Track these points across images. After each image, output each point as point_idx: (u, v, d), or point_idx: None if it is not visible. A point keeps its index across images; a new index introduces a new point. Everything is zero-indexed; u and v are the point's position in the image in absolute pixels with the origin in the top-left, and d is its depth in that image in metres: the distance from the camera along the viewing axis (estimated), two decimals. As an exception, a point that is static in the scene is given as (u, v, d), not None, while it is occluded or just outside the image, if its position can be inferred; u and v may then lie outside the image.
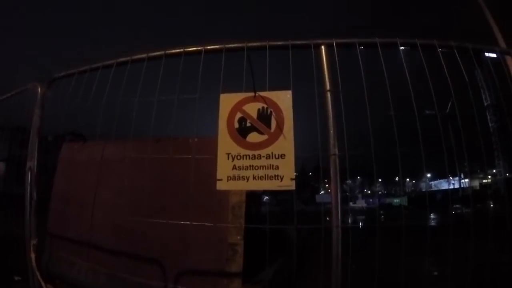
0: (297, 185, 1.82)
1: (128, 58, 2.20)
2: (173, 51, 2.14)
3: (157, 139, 3.53)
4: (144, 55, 2.19)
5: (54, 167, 4.56)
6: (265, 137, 1.84)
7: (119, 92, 2.29)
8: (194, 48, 2.11)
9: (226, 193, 3.36)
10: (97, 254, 3.81)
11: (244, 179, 1.81)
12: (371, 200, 48.74)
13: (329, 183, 1.85)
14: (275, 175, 1.78)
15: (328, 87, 1.89)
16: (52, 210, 4.17)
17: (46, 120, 2.59)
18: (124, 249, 3.61)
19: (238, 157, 1.84)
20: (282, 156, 1.80)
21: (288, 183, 1.78)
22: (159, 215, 3.53)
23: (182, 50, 2.12)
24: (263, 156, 1.81)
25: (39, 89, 2.45)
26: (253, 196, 3.88)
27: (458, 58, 2.10)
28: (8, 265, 3.27)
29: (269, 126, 1.86)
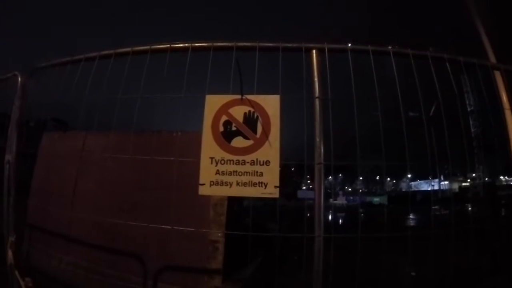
0: (280, 181, 1.78)
1: (112, 51, 2.10)
2: (159, 46, 2.05)
3: (139, 131, 3.43)
4: (128, 49, 2.08)
5: (35, 154, 4.40)
6: (250, 142, 1.80)
7: (103, 84, 2.20)
8: (181, 45, 2.02)
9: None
10: (77, 248, 3.75)
11: (227, 184, 1.77)
12: (351, 197, 49.07)
13: (311, 179, 1.84)
14: (259, 182, 1.75)
15: (317, 93, 1.85)
16: (32, 202, 4.03)
17: (28, 106, 2.47)
18: (104, 242, 3.54)
19: (222, 162, 1.79)
20: (267, 163, 1.76)
21: (272, 191, 1.74)
22: (140, 210, 3.48)
23: (168, 45, 2.03)
24: (248, 162, 1.77)
25: (20, 79, 2.32)
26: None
27: (449, 68, 2.10)
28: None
29: (255, 131, 1.80)
